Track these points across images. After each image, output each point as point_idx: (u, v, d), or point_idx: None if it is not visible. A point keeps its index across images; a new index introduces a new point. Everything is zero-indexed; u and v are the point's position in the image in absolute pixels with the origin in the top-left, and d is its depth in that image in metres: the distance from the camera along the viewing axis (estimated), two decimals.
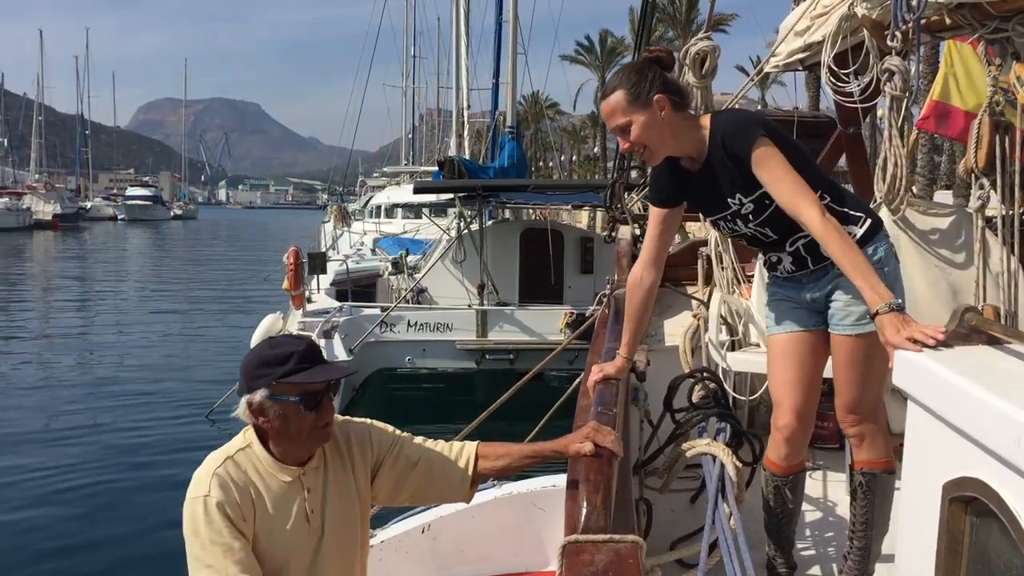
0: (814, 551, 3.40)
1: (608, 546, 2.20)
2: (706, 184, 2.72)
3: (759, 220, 2.70)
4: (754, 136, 2.56)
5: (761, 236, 2.76)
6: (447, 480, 2.51)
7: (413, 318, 12.27)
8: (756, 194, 2.64)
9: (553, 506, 2.67)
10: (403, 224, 24.16)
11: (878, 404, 2.83)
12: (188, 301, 26.24)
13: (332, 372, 2.37)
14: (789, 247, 2.74)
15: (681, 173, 2.78)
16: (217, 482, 2.26)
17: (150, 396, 13.04)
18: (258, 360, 2.29)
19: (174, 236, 71.44)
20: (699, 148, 2.68)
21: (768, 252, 2.84)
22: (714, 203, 2.75)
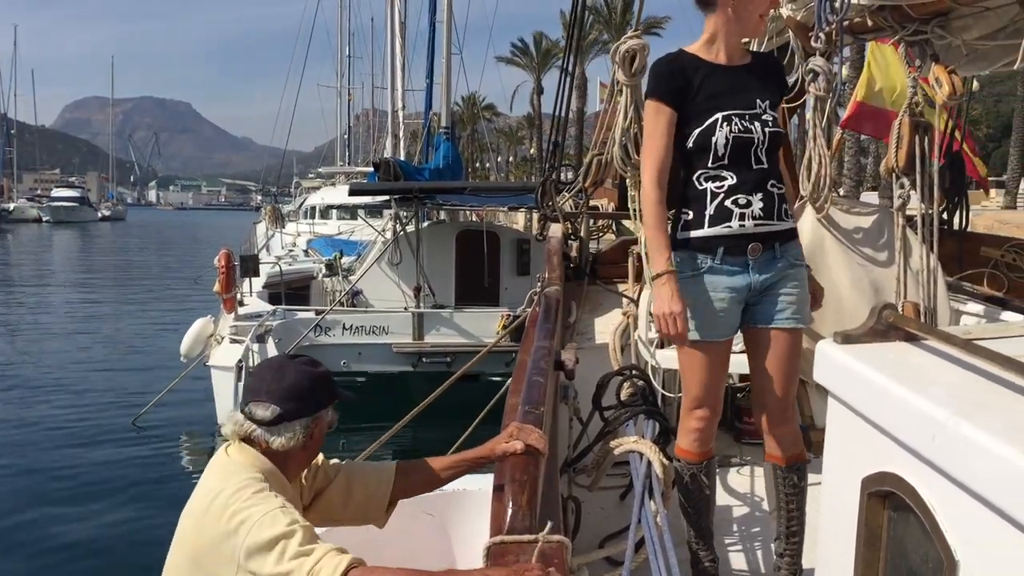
0: (740, 545, 3.44)
1: (533, 547, 2.18)
2: (740, 77, 2.81)
3: (773, 140, 2.79)
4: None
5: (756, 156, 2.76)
6: (366, 496, 2.44)
7: (348, 321, 12.12)
8: (775, 113, 2.81)
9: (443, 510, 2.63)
10: (338, 225, 23.92)
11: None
12: (117, 305, 25.59)
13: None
14: (768, 187, 2.78)
15: (704, 68, 2.82)
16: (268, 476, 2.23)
17: (76, 402, 12.70)
18: (319, 377, 2.30)
19: (102, 238, 69.63)
20: (740, 49, 2.88)
21: (743, 188, 2.76)
22: (743, 97, 2.78)
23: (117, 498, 8.54)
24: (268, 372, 2.32)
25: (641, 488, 2.68)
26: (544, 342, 3.49)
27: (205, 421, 10.98)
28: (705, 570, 2.96)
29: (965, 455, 1.58)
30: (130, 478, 9.39)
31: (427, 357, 11.94)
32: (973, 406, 1.74)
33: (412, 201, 12.79)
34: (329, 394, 2.32)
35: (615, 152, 4.34)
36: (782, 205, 2.79)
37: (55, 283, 32.48)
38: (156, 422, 11.28)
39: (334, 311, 12.18)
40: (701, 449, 2.96)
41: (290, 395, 2.23)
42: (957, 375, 1.95)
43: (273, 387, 2.25)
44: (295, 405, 2.22)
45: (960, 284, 4.58)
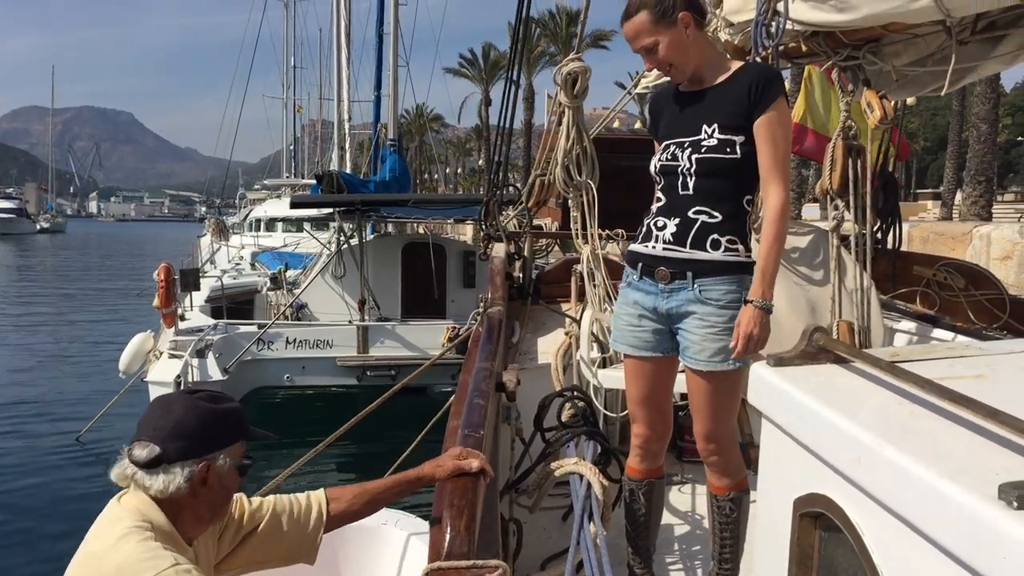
0: (682, 564, 3.47)
1: (472, 572, 2.18)
2: (694, 103, 2.80)
3: (703, 165, 2.73)
4: (782, 93, 2.71)
5: (683, 182, 2.77)
6: (298, 531, 2.25)
7: (292, 335, 11.99)
8: (728, 136, 2.71)
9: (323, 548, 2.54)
10: (284, 238, 23.66)
11: (734, 431, 2.91)
12: (57, 320, 24.97)
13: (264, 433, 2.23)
14: (690, 213, 2.75)
15: (670, 97, 2.90)
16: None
17: (14, 419, 12.34)
18: (212, 416, 2.00)
19: (40, 251, 67.99)
20: (713, 70, 2.80)
21: (664, 211, 2.82)
22: (687, 125, 2.80)
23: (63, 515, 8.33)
24: (156, 408, 2.07)
25: (580, 510, 2.70)
26: (485, 363, 3.50)
27: None
28: None
29: (889, 478, 1.62)
30: (77, 493, 9.18)
31: (372, 370, 11.86)
32: (896, 428, 1.79)
33: (355, 214, 12.70)
34: (229, 434, 2.05)
35: (557, 173, 4.38)
36: (708, 234, 2.73)
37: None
38: (99, 438, 11.00)
39: (277, 325, 12.04)
40: (640, 466, 3.00)
41: (173, 434, 1.97)
42: (883, 397, 2.00)
43: (158, 424, 2.01)
44: (178, 445, 1.96)
45: (893, 303, 4.68)
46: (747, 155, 2.72)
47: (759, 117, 2.69)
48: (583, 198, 4.38)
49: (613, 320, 3.01)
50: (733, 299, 2.74)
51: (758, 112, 2.69)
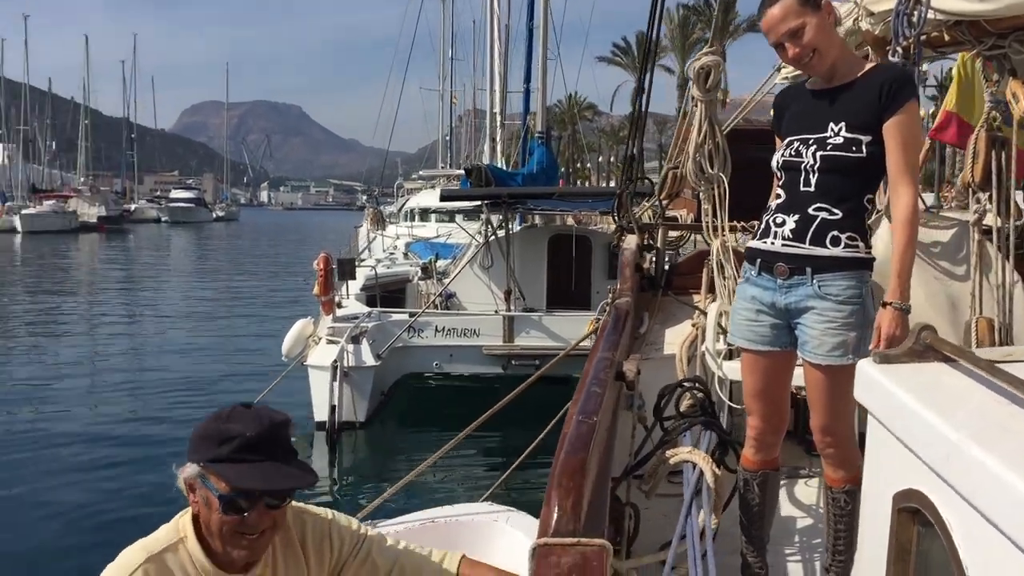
0: (798, 555, 3.49)
1: (576, 549, 2.31)
2: (823, 101, 2.82)
3: (827, 162, 2.76)
4: (915, 95, 2.72)
5: (805, 178, 2.80)
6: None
7: (440, 323, 12.41)
8: (854, 135, 2.73)
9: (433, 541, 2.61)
10: (437, 228, 24.27)
11: (852, 425, 2.90)
12: (225, 303, 26.70)
13: (272, 479, 1.88)
14: (811, 210, 2.78)
15: (797, 96, 2.95)
16: None
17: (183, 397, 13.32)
18: (202, 430, 1.94)
19: (215, 238, 72.47)
20: (847, 67, 2.81)
21: (784, 208, 2.86)
22: (814, 122, 2.82)
23: None
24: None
25: (690, 496, 2.78)
26: (607, 353, 3.62)
27: (302, 418, 11.41)
28: (754, 575, 3.05)
29: (976, 477, 1.65)
30: None
31: (517, 360, 12.11)
32: (990, 428, 1.81)
33: (502, 206, 12.99)
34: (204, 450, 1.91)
35: (688, 166, 4.42)
36: (827, 231, 2.74)
37: (171, 282, 34.06)
38: None
39: (427, 313, 12.48)
40: (754, 457, 3.05)
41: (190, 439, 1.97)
42: (984, 397, 2.00)
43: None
44: (188, 449, 1.96)
45: None
46: (872, 155, 2.72)
47: (890, 119, 2.68)
48: (714, 191, 4.41)
49: (731, 315, 3.07)
50: (852, 295, 2.75)
51: (889, 114, 2.68)
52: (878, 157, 2.71)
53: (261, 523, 1.90)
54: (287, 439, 1.97)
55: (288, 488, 1.93)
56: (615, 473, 3.34)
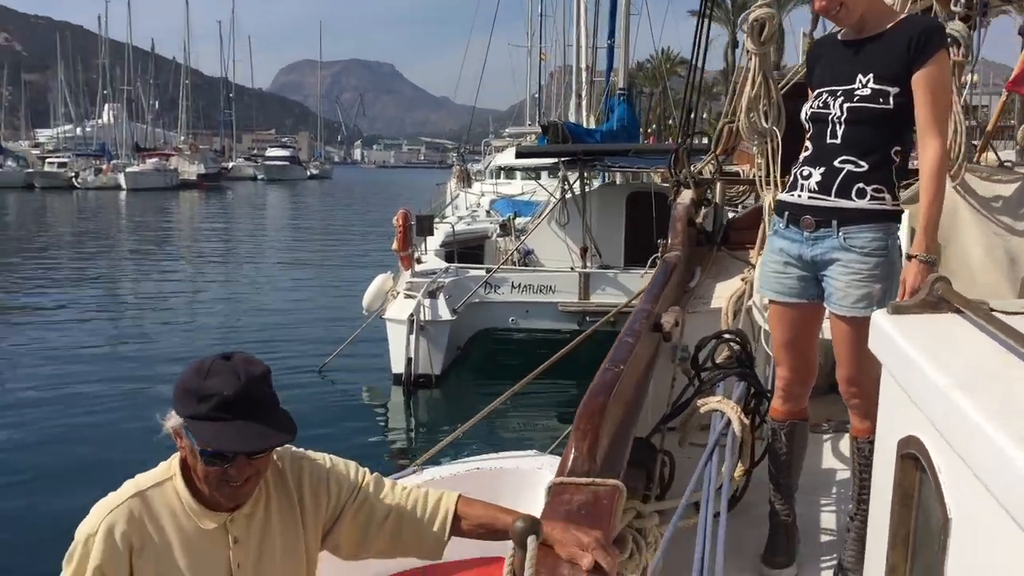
0: (828, 504, 3.54)
1: (589, 488, 2.41)
2: (852, 53, 2.83)
3: (853, 114, 2.76)
4: (944, 46, 2.71)
5: (832, 130, 2.81)
6: (418, 541, 2.17)
7: (517, 280, 12.54)
8: (882, 86, 2.73)
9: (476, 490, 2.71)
10: (522, 186, 24.34)
11: (877, 377, 2.91)
12: (315, 258, 27.41)
13: (247, 440, 1.89)
14: (836, 162, 2.79)
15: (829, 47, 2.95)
16: (111, 525, 1.93)
17: (269, 346, 13.82)
18: (183, 383, 1.93)
19: (309, 195, 74.10)
20: (877, 19, 2.81)
21: (811, 160, 2.88)
22: (842, 73, 2.83)
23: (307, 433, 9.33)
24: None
25: (712, 445, 2.84)
26: (646, 305, 3.68)
27: (381, 370, 11.76)
28: (780, 523, 3.10)
29: (959, 424, 1.70)
30: (318, 419, 10.26)
31: (592, 316, 12.17)
32: (979, 377, 1.84)
33: (578, 163, 12.98)
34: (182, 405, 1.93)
35: (742, 120, 4.40)
36: (853, 183, 2.75)
37: (265, 237, 35.14)
38: (339, 369, 12.15)
39: (504, 269, 12.62)
40: (782, 407, 3.11)
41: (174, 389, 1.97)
42: (984, 347, 2.03)
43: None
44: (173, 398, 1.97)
45: None
46: (900, 107, 2.71)
47: (919, 70, 2.67)
48: (767, 145, 4.38)
49: (760, 267, 3.10)
50: (878, 247, 2.76)
51: (918, 65, 2.67)
52: (906, 109, 2.69)
53: (243, 473, 1.92)
54: (265, 393, 1.96)
55: (263, 448, 1.94)
56: (653, 422, 3.42)
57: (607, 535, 2.16)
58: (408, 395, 11.16)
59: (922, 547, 2.10)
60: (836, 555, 3.07)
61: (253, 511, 2.04)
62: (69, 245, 30.23)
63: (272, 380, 2.01)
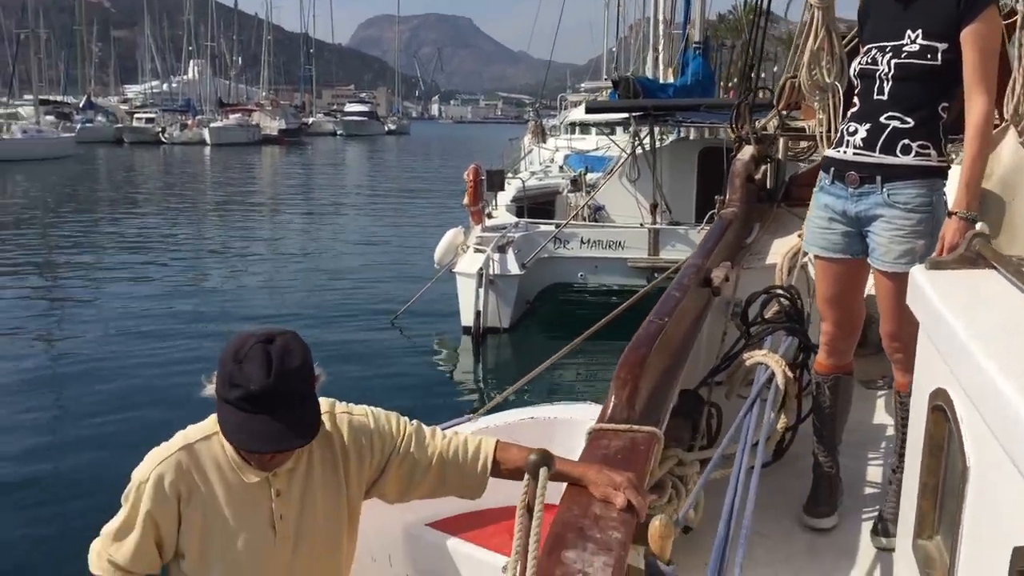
0: (873, 457, 3.57)
1: (627, 435, 2.51)
2: (902, 8, 2.82)
3: (901, 70, 2.77)
4: (993, 3, 2.70)
5: (879, 87, 2.82)
6: (461, 484, 2.28)
7: (586, 235, 12.59)
8: (930, 42, 2.73)
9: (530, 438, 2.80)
10: (596, 141, 24.18)
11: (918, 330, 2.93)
12: (390, 212, 27.85)
13: (259, 440, 1.94)
14: (882, 118, 2.80)
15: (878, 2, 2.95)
16: (161, 474, 2.03)
17: (345, 299, 14.22)
18: (222, 360, 1.97)
19: (386, 151, 74.76)
20: None
21: (857, 116, 2.89)
22: (891, 29, 2.83)
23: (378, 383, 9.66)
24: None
25: (753, 397, 2.90)
26: (696, 260, 3.74)
27: (451, 322, 11.99)
28: (823, 474, 3.16)
29: (979, 377, 1.75)
30: (389, 367, 10.57)
31: (660, 273, 12.15)
32: (1001, 332, 1.89)
33: (648, 118, 12.87)
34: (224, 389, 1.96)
35: (803, 75, 4.37)
36: (898, 139, 2.76)
37: (344, 192, 35.76)
38: (411, 320, 12.43)
39: (573, 225, 12.67)
40: (827, 361, 3.15)
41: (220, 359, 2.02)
42: (1013, 302, 2.06)
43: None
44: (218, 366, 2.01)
45: None
46: (948, 63, 2.70)
47: (967, 26, 2.65)
48: (829, 101, 4.35)
49: (806, 223, 3.13)
50: (922, 203, 2.77)
51: (966, 21, 2.65)
52: (953, 65, 2.68)
53: (264, 457, 2.02)
54: (293, 388, 1.96)
55: (276, 450, 1.99)
56: (704, 375, 3.49)
57: (641, 478, 2.26)
58: (476, 347, 11.38)
59: (949, 496, 2.16)
60: (878, 507, 3.12)
61: (295, 466, 2.10)
62: (157, 198, 31.30)
63: (309, 368, 2.01)
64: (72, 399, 9.32)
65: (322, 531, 2.15)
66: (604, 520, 2.02)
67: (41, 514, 6.48)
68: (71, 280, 16.04)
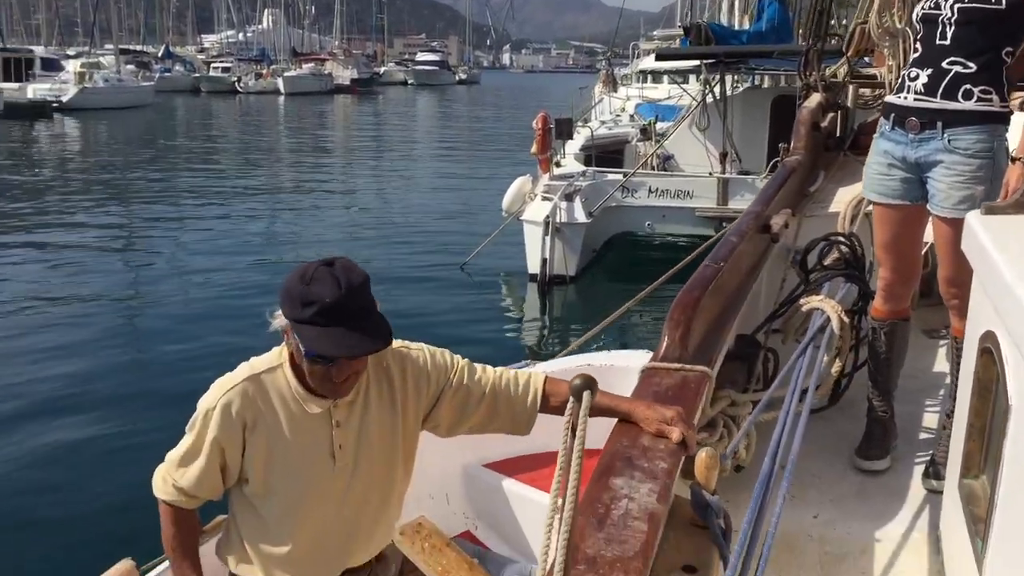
0: (928, 402, 3.59)
1: (679, 373, 2.58)
2: None
3: (964, 14, 2.74)
4: None
5: (942, 31, 2.80)
6: (511, 417, 2.34)
7: (655, 184, 12.53)
8: None
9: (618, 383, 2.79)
10: (668, 89, 23.82)
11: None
12: (459, 160, 28.03)
13: (344, 346, 2.01)
14: (944, 64, 2.79)
15: None
16: (228, 402, 2.13)
17: (415, 246, 14.46)
18: (288, 288, 2.04)
19: (457, 100, 74.71)
20: None
21: (919, 62, 2.88)
22: None
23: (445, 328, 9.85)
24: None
25: (806, 341, 2.95)
26: (756, 207, 3.76)
27: (518, 270, 12.10)
28: (877, 419, 3.20)
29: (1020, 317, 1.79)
30: (456, 313, 10.77)
31: (729, 222, 12.05)
32: None
33: (719, 66, 12.67)
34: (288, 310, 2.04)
35: (872, 20, 4.31)
36: (960, 85, 2.74)
37: (414, 141, 36.02)
38: (479, 267, 12.58)
39: (641, 174, 12.61)
40: (883, 307, 3.18)
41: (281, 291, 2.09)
42: None
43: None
44: (280, 300, 2.09)
45: None
46: (1013, 7, 2.67)
47: None
48: (899, 47, 4.28)
49: (865, 169, 3.13)
50: (982, 148, 2.76)
51: None
52: (1019, 10, 2.65)
53: (343, 373, 2.06)
54: (363, 300, 2.05)
55: (360, 354, 2.06)
56: (760, 321, 3.53)
57: (690, 414, 2.33)
58: (542, 294, 11.48)
59: (995, 436, 2.20)
60: (931, 452, 3.15)
61: (355, 399, 2.18)
62: (233, 146, 31.94)
63: (370, 287, 2.09)
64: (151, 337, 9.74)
65: (378, 462, 2.23)
66: (652, 451, 2.10)
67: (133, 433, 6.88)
68: (151, 225, 16.56)
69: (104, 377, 8.40)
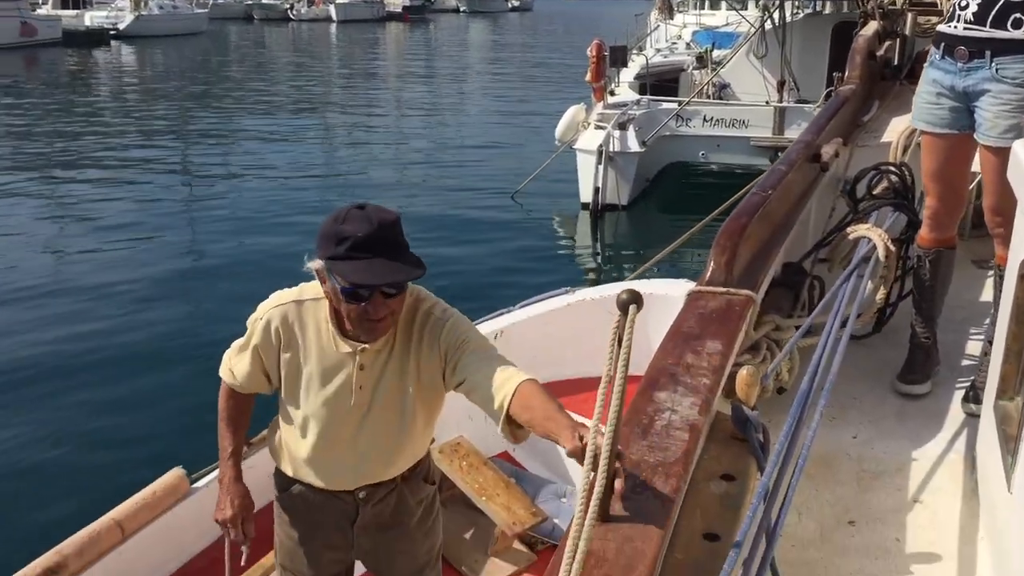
0: (971, 331, 3.63)
1: (724, 296, 2.67)
2: None
3: None
4: None
5: None
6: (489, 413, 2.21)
7: (710, 113, 12.39)
8: None
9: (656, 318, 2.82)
10: (726, 16, 23.29)
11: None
12: (512, 88, 27.88)
13: (380, 274, 2.09)
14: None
15: None
16: (269, 319, 2.31)
17: (468, 173, 14.57)
18: (323, 229, 2.13)
19: (510, 27, 73.75)
20: None
21: None
22: None
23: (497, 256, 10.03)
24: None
25: (851, 268, 3.00)
26: (805, 136, 3.78)
27: (570, 197, 12.14)
28: (919, 344, 3.26)
29: None
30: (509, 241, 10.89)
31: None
32: None
33: None
34: (324, 248, 2.12)
35: None
36: (1010, 13, 2.72)
37: (467, 69, 35.84)
38: (532, 195, 12.62)
39: (696, 102, 12.47)
40: (929, 235, 3.21)
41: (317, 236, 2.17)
42: None
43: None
44: (315, 245, 2.17)
45: None
46: None
47: None
48: None
49: (915, 97, 3.14)
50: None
51: None
52: None
53: (379, 311, 2.15)
54: (396, 236, 2.13)
55: (395, 281, 2.13)
56: (808, 249, 3.58)
57: (734, 338, 2.43)
58: (594, 223, 11.53)
59: None
60: (972, 378, 3.21)
61: (381, 348, 2.28)
62: (285, 74, 32.11)
63: (402, 226, 2.16)
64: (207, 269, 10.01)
65: (391, 407, 2.34)
66: (695, 368, 2.22)
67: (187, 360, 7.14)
68: (205, 151, 16.89)
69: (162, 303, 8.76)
